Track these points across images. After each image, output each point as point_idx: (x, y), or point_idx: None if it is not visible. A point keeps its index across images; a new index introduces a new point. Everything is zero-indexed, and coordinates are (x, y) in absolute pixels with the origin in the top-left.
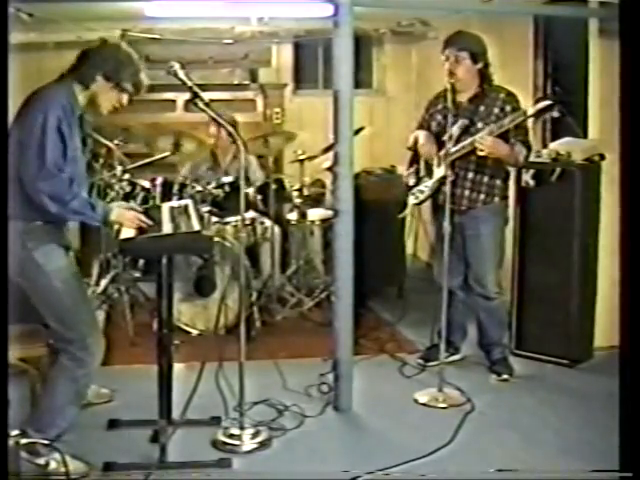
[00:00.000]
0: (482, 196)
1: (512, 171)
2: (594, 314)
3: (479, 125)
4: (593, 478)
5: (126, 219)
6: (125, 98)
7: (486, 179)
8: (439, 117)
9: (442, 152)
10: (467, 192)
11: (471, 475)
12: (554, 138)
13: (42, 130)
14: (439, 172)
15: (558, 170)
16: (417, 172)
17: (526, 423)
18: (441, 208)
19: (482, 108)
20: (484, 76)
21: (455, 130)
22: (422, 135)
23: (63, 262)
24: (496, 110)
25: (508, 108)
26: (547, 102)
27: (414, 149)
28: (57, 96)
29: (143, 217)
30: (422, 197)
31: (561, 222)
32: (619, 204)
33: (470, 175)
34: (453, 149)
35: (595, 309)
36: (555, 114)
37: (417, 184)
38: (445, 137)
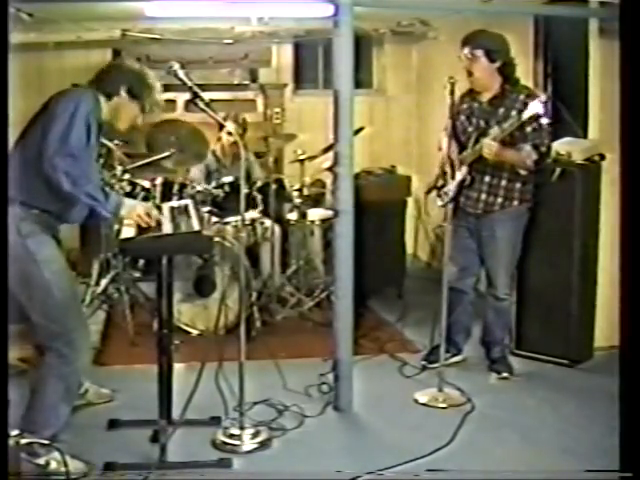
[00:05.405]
0: (500, 200)
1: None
2: (594, 314)
3: (495, 128)
4: (593, 478)
5: (137, 215)
6: (141, 118)
7: (504, 182)
8: (462, 117)
9: (462, 154)
10: (484, 196)
11: (471, 475)
12: (554, 138)
13: (71, 116)
14: (459, 175)
15: (558, 170)
16: (444, 174)
17: (526, 423)
18: (460, 210)
19: (501, 110)
20: (505, 75)
21: (472, 132)
22: (444, 138)
23: (54, 253)
24: (514, 112)
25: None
26: (535, 110)
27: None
28: (89, 95)
29: (154, 212)
30: (447, 199)
31: (561, 222)
32: (619, 204)
33: (487, 179)
34: (465, 152)
35: (595, 309)
36: (544, 121)
37: (444, 185)
38: (464, 138)
